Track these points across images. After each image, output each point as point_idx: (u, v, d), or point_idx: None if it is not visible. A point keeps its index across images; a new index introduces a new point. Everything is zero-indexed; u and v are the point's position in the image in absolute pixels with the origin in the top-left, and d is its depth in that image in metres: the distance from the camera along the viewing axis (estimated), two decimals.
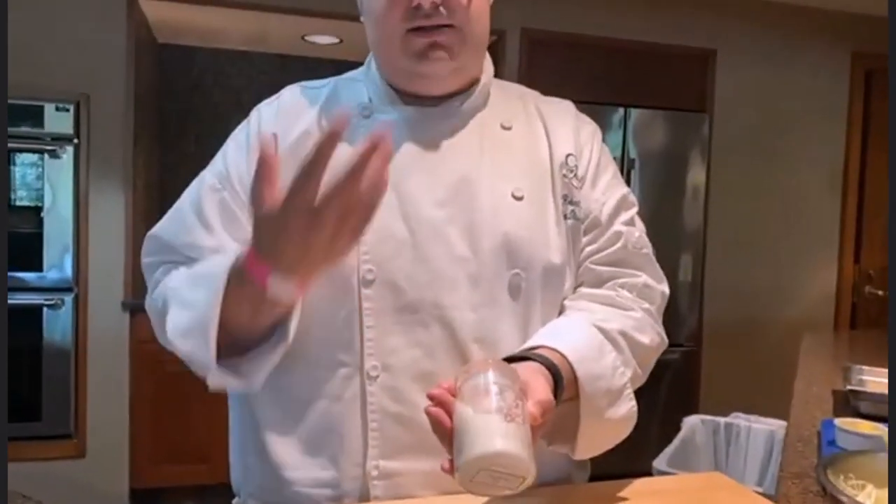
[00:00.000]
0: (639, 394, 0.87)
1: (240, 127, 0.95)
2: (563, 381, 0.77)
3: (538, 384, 0.73)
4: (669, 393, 3.48)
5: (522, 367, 0.75)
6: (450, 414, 0.67)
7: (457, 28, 0.85)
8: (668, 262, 4.08)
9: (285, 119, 0.90)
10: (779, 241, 3.76)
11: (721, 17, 3.60)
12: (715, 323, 3.66)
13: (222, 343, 0.73)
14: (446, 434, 0.67)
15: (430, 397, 0.69)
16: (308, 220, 0.65)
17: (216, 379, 0.74)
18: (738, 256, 3.69)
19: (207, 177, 0.91)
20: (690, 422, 2.13)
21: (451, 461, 0.66)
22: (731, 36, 3.64)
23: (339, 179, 0.64)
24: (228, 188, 0.89)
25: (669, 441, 2.09)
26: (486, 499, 0.82)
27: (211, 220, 0.87)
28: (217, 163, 0.92)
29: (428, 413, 0.69)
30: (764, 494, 0.86)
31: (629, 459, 1.48)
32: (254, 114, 0.94)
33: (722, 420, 2.11)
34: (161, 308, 0.83)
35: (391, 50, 0.87)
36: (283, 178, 0.69)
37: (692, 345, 3.59)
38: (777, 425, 2.07)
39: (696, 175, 3.57)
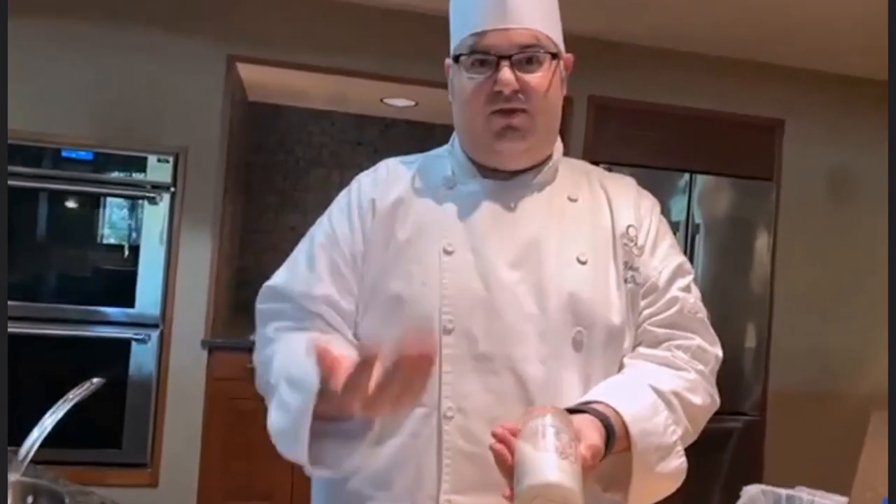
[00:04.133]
0: (701, 461, 0.93)
1: (342, 193, 1.09)
2: (615, 435, 0.85)
3: (590, 432, 0.82)
4: (732, 462, 3.41)
5: (579, 418, 0.83)
6: (511, 450, 0.77)
7: (530, 113, 0.98)
8: (732, 329, 3.98)
9: (382, 188, 1.04)
10: (848, 311, 3.68)
11: (790, 87, 3.64)
12: (780, 392, 3.58)
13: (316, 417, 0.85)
14: (507, 467, 0.77)
15: (494, 435, 0.79)
16: (366, 405, 0.78)
17: (309, 471, 0.86)
18: (805, 325, 3.63)
19: (317, 235, 1.04)
20: (750, 491, 2.08)
21: (512, 490, 0.75)
22: (800, 106, 3.67)
23: (384, 379, 0.76)
24: (335, 247, 1.01)
25: None
26: None
27: (322, 273, 1.00)
28: (324, 223, 1.06)
29: (492, 448, 0.78)
30: None
31: None
32: (354, 183, 1.08)
33: (784, 492, 2.06)
34: (264, 373, 0.98)
35: (474, 128, 1.01)
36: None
37: (756, 414, 3.52)
38: (843, 502, 2.01)
39: (761, 242, 3.57)
